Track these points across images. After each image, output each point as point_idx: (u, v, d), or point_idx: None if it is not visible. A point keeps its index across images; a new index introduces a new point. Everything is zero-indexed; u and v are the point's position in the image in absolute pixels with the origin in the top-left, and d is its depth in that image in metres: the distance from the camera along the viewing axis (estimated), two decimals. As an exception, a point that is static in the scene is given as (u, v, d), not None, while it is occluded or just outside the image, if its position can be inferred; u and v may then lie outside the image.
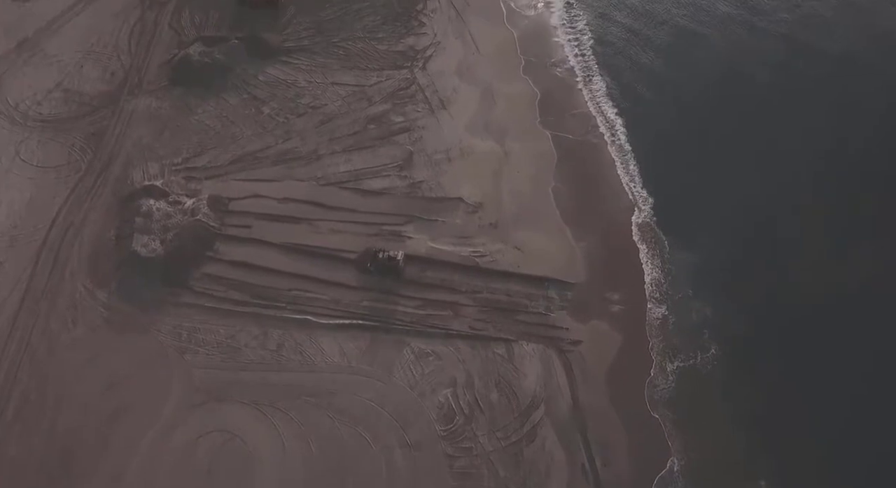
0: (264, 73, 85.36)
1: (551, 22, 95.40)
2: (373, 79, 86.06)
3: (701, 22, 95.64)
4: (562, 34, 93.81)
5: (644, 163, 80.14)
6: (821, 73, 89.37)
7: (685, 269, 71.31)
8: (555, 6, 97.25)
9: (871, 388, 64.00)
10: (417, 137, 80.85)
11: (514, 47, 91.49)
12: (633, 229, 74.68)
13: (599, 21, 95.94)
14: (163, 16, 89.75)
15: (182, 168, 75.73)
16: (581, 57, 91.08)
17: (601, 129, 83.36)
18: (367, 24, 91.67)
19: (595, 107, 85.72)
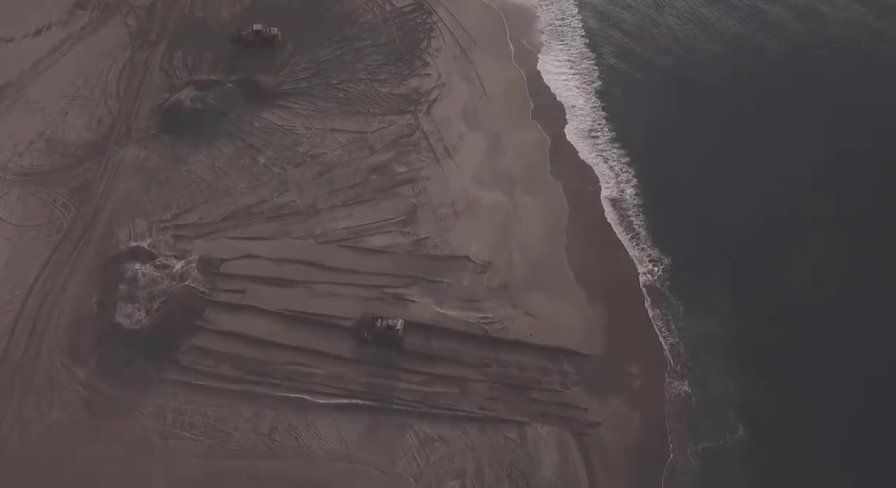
0: (260, 119, 79.55)
1: (560, 61, 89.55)
2: (374, 125, 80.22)
3: (714, 66, 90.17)
4: (571, 77, 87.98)
5: (657, 218, 74.37)
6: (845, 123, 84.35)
7: (703, 338, 65.34)
8: (564, 42, 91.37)
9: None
10: (421, 189, 74.97)
11: (523, 89, 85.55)
12: (647, 293, 68.69)
13: (609, 58, 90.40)
14: (154, 57, 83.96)
15: (171, 225, 69.83)
16: (590, 101, 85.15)
17: (613, 181, 77.58)
18: (369, 63, 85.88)
19: (606, 156, 79.84)
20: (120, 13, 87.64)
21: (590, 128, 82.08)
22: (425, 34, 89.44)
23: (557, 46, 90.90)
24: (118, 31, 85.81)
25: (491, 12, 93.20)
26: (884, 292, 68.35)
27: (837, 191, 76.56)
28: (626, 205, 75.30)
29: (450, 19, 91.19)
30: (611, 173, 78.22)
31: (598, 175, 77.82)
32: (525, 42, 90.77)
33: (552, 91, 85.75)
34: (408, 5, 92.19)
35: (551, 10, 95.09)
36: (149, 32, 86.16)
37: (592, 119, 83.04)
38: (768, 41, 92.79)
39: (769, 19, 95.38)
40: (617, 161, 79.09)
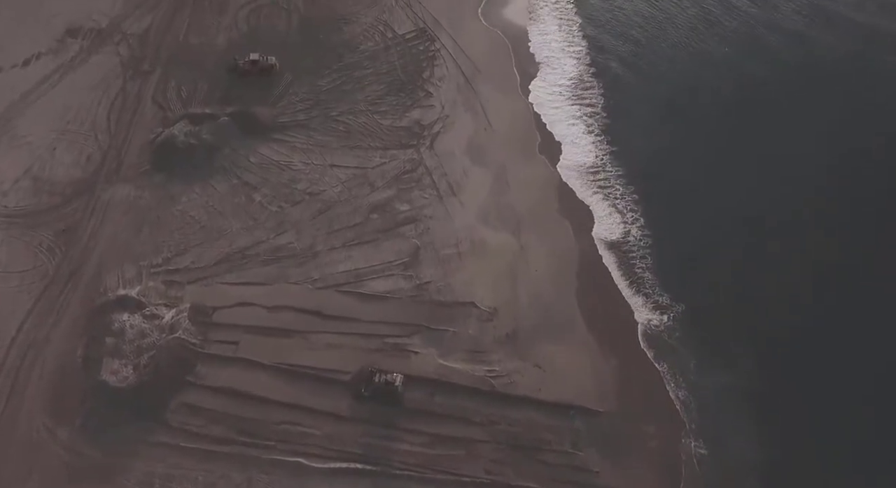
0: (256, 154, 75.57)
1: (566, 92, 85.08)
2: (376, 160, 76.22)
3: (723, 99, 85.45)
4: (578, 111, 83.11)
5: (665, 261, 69.75)
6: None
7: (720, 393, 60.77)
8: (572, 72, 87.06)
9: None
10: (424, 229, 70.92)
11: (530, 121, 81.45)
12: (657, 343, 64.28)
13: (615, 86, 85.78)
14: (146, 88, 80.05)
15: (162, 270, 65.78)
16: (594, 133, 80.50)
17: (619, 220, 72.99)
18: (370, 94, 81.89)
19: (611, 193, 75.25)
20: (112, 41, 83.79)
21: (594, 164, 77.59)
22: (428, 62, 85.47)
23: (563, 75, 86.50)
24: (110, 60, 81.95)
25: (496, 39, 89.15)
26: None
27: (853, 236, 72.15)
28: (634, 246, 70.85)
29: (453, 46, 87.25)
30: (615, 211, 73.62)
31: (604, 214, 73.48)
32: (532, 70, 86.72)
33: (554, 124, 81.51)
34: (410, 32, 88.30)
35: (558, 36, 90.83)
36: (141, 61, 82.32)
37: (595, 154, 78.35)
38: (768, 67, 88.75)
39: (768, 48, 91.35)
40: (622, 198, 74.38)
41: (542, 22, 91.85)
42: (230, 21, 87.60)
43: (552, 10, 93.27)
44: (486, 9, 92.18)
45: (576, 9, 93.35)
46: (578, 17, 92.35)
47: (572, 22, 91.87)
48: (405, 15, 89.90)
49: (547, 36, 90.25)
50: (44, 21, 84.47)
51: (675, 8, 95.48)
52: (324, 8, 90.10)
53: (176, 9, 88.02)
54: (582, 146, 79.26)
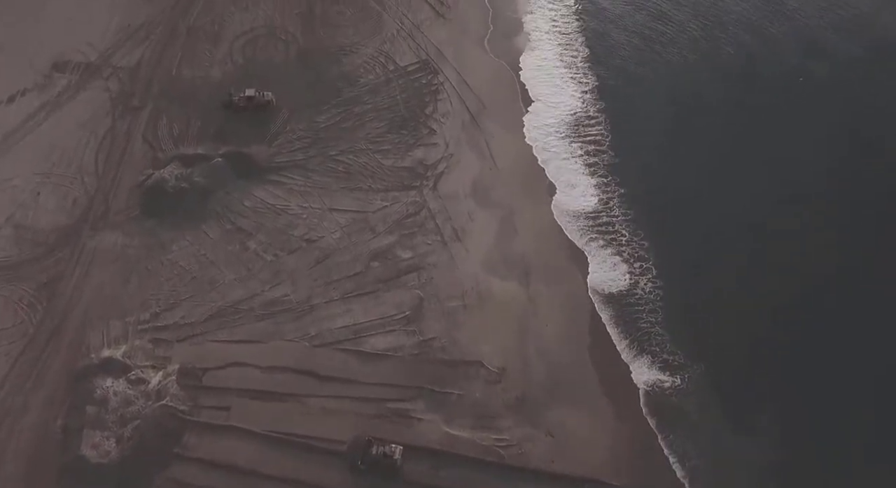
0: (251, 197, 70.81)
1: (571, 129, 79.51)
2: (377, 203, 71.47)
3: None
4: (583, 149, 77.48)
5: (680, 316, 64.76)
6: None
7: (741, 468, 56.37)
8: (577, 107, 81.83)
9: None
10: (428, 278, 66.19)
11: (538, 159, 76.85)
12: (673, 408, 59.56)
13: (624, 121, 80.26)
14: (136, 125, 75.25)
15: (149, 327, 61.09)
16: (602, 174, 75.09)
17: (629, 268, 67.97)
18: (370, 131, 77.10)
19: (622, 239, 69.97)
20: (101, 76, 78.97)
21: (595, 208, 72.35)
22: (431, 97, 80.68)
23: (569, 110, 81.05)
24: (99, 96, 77.12)
25: (502, 71, 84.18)
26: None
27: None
28: (641, 299, 66.03)
29: (457, 79, 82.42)
30: (621, 260, 68.53)
31: (609, 262, 68.41)
32: (539, 106, 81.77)
33: (557, 163, 76.51)
34: (412, 64, 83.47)
35: (564, 69, 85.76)
36: (131, 97, 77.47)
37: (599, 196, 73.04)
38: (775, 97, 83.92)
39: (773, 77, 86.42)
40: (628, 244, 69.31)
41: (548, 53, 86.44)
42: (225, 52, 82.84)
43: (557, 41, 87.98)
44: (493, 39, 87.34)
45: (583, 38, 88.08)
46: (585, 47, 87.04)
47: (578, 53, 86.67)
48: (407, 46, 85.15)
49: (553, 68, 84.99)
50: (29, 54, 79.60)
51: (677, 33, 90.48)
52: (323, 38, 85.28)
53: (168, 40, 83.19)
54: (584, 188, 73.95)
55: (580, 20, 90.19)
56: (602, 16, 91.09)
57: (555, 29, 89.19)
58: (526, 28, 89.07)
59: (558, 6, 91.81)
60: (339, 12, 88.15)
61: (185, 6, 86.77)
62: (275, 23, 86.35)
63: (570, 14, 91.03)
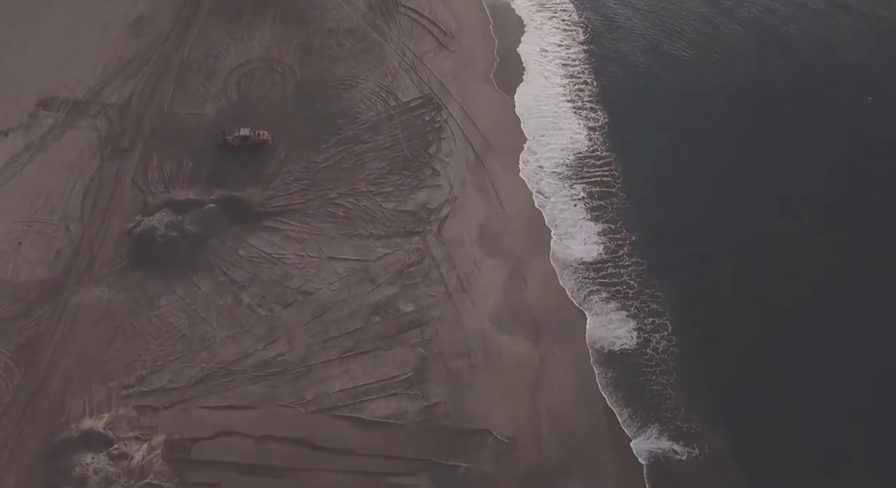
0: (245, 246, 65.91)
1: (580, 170, 74.41)
2: (378, 250, 66.56)
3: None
4: (587, 198, 72.03)
5: (703, 377, 59.38)
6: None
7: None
8: (584, 145, 76.68)
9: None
10: (432, 334, 61.24)
11: (539, 202, 71.83)
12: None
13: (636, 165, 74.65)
14: (125, 168, 70.36)
15: (134, 392, 56.11)
16: (610, 220, 69.73)
17: (642, 325, 62.67)
18: (371, 172, 72.24)
19: (635, 292, 64.64)
20: (89, 113, 74.15)
21: (600, 258, 67.23)
22: (434, 135, 75.83)
23: (579, 149, 76.08)
24: (86, 136, 72.28)
25: (509, 107, 79.44)
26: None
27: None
28: (656, 358, 61.01)
29: (461, 116, 77.63)
30: (628, 315, 63.18)
31: (617, 317, 63.16)
32: (547, 143, 76.95)
33: (560, 208, 71.31)
34: (414, 99, 78.67)
35: (574, 101, 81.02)
36: (121, 137, 72.64)
37: (606, 245, 67.95)
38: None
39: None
40: (636, 298, 64.16)
41: (556, 87, 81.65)
42: (219, 87, 78.02)
43: (565, 73, 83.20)
44: (500, 72, 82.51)
45: (593, 72, 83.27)
46: (594, 81, 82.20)
47: (586, 86, 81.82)
48: (409, 80, 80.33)
49: (561, 103, 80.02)
50: (14, 91, 74.83)
51: (689, 62, 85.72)
52: (321, 71, 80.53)
53: (161, 74, 78.44)
54: (590, 235, 68.92)
55: (589, 50, 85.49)
56: (611, 47, 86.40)
57: (563, 61, 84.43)
58: (533, 60, 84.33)
59: (566, 37, 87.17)
60: (339, 43, 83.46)
61: (178, 38, 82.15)
62: (272, 55, 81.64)
63: (577, 44, 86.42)
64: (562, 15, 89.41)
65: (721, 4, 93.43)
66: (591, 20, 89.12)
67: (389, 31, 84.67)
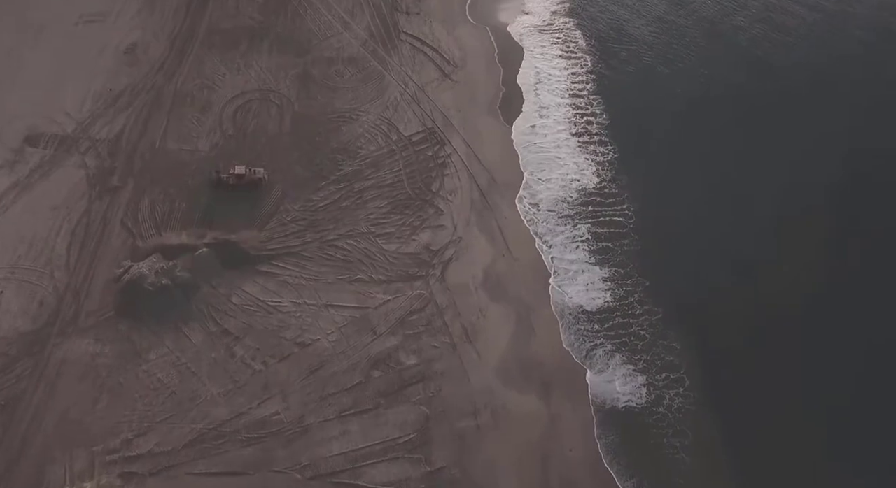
0: (239, 293, 61.58)
1: (592, 211, 70.08)
2: (378, 296, 62.22)
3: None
4: (594, 240, 67.77)
5: (722, 439, 55.23)
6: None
7: None
8: (593, 182, 72.43)
9: None
10: (435, 390, 56.92)
11: (542, 241, 67.54)
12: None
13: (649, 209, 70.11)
14: (115, 208, 65.94)
15: (119, 457, 51.68)
16: (620, 265, 65.39)
17: (652, 379, 58.37)
18: (372, 212, 67.89)
19: (646, 344, 60.29)
20: (78, 150, 69.76)
21: (603, 306, 62.98)
22: (438, 171, 71.52)
23: (588, 187, 71.98)
24: (74, 174, 67.82)
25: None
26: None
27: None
28: (672, 419, 56.50)
29: (465, 151, 73.31)
30: (635, 370, 58.95)
31: (627, 371, 58.94)
32: (552, 178, 72.62)
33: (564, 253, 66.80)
34: (417, 133, 74.32)
35: (582, 135, 76.60)
36: (110, 174, 68.25)
37: (612, 291, 63.62)
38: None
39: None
40: (647, 351, 59.92)
41: (562, 121, 77.26)
42: (214, 121, 73.64)
43: (573, 104, 78.81)
44: (505, 103, 78.19)
45: (603, 102, 78.69)
46: (605, 112, 77.71)
47: (595, 118, 77.42)
48: (412, 112, 76.00)
49: (568, 138, 75.58)
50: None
51: (704, 96, 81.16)
52: (320, 104, 76.11)
53: (153, 107, 74.03)
54: (594, 281, 64.57)
55: (597, 80, 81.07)
56: (620, 77, 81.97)
57: (570, 91, 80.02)
58: (538, 90, 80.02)
59: (573, 65, 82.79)
60: (339, 73, 79.11)
61: (171, 68, 77.75)
62: (269, 85, 77.26)
63: (587, 72, 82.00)
64: (569, 43, 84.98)
65: (732, 31, 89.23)
66: (598, 48, 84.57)
67: (390, 60, 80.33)
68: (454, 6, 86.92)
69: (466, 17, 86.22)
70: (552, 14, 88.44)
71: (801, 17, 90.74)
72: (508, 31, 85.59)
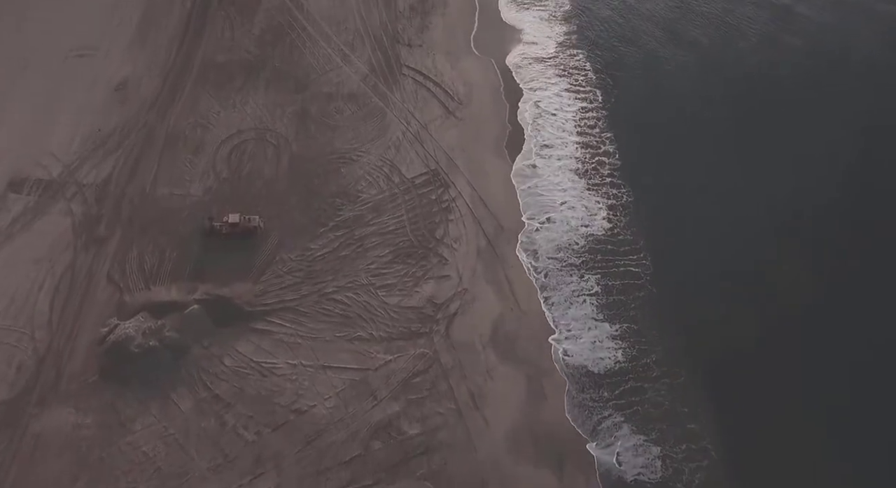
0: (232, 353, 56.68)
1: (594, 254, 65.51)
2: (379, 356, 57.34)
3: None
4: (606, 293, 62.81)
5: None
6: None
7: None
8: (604, 228, 67.83)
9: None
10: (440, 464, 51.96)
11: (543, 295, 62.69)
12: None
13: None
14: (101, 260, 61.11)
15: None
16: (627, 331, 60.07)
17: (667, 451, 53.42)
18: (373, 261, 63.00)
19: (670, 412, 55.23)
20: (64, 196, 65.00)
21: (612, 368, 57.87)
22: (442, 216, 66.66)
23: (600, 233, 67.33)
24: (59, 223, 63.09)
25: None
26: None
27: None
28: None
29: (470, 194, 68.43)
30: (658, 439, 53.96)
31: (638, 442, 53.96)
32: (558, 223, 67.72)
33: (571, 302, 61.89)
34: (420, 175, 69.44)
35: (594, 177, 71.70)
36: (97, 223, 63.50)
37: (623, 350, 58.59)
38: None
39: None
40: (685, 417, 55.10)
41: (571, 162, 72.38)
42: (207, 163, 68.83)
43: (583, 143, 73.96)
44: (512, 142, 73.25)
45: (616, 142, 73.46)
46: (617, 151, 72.58)
47: (608, 157, 72.48)
48: (415, 153, 71.12)
49: (578, 180, 70.66)
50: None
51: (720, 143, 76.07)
52: (319, 143, 71.27)
53: (144, 148, 69.26)
54: (602, 339, 59.54)
55: (609, 115, 75.95)
56: (635, 111, 76.69)
57: (580, 128, 75.01)
58: (547, 127, 75.11)
59: (583, 100, 77.69)
60: (338, 110, 74.25)
61: (163, 105, 72.96)
62: (265, 124, 72.43)
63: (597, 108, 76.91)
64: (577, 75, 79.93)
65: (758, 68, 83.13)
66: (609, 81, 79.35)
67: (392, 96, 75.45)
68: (458, 37, 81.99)
69: (471, 49, 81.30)
70: (559, 45, 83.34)
71: (812, 36, 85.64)
72: (515, 64, 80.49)
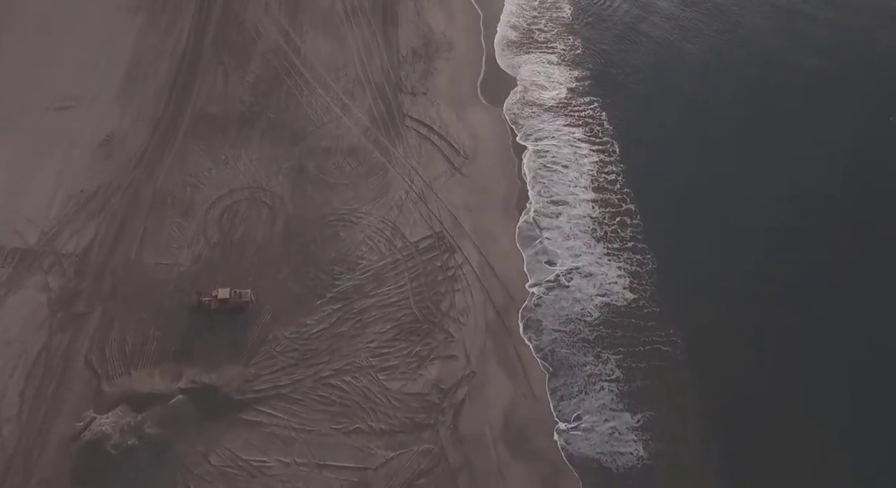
0: (219, 450, 50.37)
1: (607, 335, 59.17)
2: (380, 453, 51.03)
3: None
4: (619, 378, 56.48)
5: None
6: None
7: None
8: (625, 297, 61.61)
9: None
10: None
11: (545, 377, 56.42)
12: None
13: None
14: (79, 342, 54.79)
15: None
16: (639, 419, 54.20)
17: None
18: (373, 339, 56.71)
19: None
20: (41, 267, 58.59)
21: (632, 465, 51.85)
22: (447, 286, 60.31)
23: (617, 300, 61.22)
24: (34, 298, 56.67)
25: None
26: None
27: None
28: None
29: (478, 260, 62.05)
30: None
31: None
32: (585, 297, 61.34)
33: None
34: (424, 238, 63.04)
35: (607, 238, 65.45)
36: (76, 298, 57.10)
37: (644, 441, 52.67)
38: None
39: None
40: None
41: (586, 218, 66.07)
42: (197, 227, 62.48)
43: (601, 199, 67.53)
44: (523, 202, 66.82)
45: (634, 199, 66.60)
46: (637, 211, 65.80)
47: (629, 217, 65.81)
48: (418, 213, 64.76)
49: (593, 247, 64.26)
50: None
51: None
52: (316, 203, 64.76)
53: (129, 210, 62.85)
54: (624, 431, 53.35)
55: (630, 169, 68.73)
56: (658, 166, 69.60)
57: (597, 184, 68.44)
58: (559, 183, 68.64)
59: (599, 152, 70.88)
60: (338, 166, 67.78)
61: (151, 162, 66.51)
62: (259, 182, 65.98)
63: (616, 161, 69.83)
64: (592, 125, 73.26)
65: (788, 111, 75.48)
66: (629, 132, 71.60)
67: (394, 150, 69.06)
68: (464, 85, 75.40)
69: (478, 97, 74.72)
70: (570, 91, 76.67)
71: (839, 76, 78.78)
72: (525, 113, 73.99)
